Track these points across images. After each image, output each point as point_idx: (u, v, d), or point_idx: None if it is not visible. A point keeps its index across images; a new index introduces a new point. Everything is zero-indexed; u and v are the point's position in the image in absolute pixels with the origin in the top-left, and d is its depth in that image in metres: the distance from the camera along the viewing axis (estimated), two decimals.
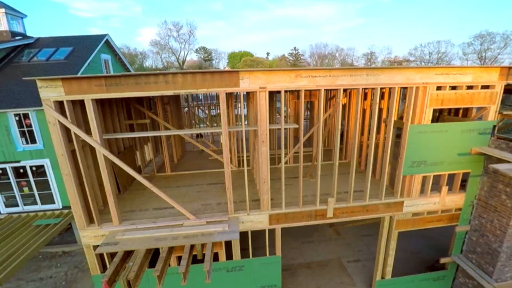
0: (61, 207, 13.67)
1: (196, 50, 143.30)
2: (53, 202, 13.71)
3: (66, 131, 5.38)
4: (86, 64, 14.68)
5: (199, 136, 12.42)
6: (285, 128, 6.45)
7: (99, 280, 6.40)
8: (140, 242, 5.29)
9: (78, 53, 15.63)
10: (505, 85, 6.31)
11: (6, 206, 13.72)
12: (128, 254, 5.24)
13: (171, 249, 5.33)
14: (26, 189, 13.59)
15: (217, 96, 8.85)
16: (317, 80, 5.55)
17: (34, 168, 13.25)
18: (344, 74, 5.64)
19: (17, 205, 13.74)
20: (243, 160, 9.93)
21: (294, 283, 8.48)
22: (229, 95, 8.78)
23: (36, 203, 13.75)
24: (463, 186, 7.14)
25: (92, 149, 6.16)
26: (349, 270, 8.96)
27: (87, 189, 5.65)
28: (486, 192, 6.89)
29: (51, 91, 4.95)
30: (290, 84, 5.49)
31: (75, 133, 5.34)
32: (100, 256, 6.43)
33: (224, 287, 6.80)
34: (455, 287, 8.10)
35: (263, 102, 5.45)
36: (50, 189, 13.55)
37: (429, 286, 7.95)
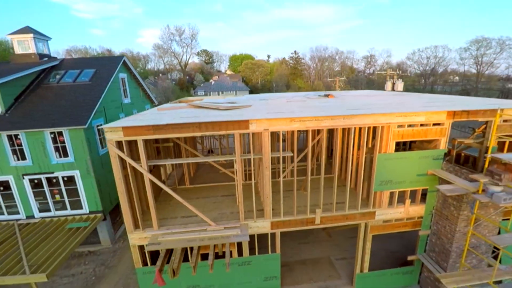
0: (88, 212, 15.67)
1: (198, 53, 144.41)
2: (81, 208, 15.70)
3: (122, 160, 7.38)
4: (108, 86, 16.70)
5: (210, 151, 14.40)
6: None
7: (141, 271, 8.40)
8: (176, 243, 7.29)
9: (100, 74, 17.63)
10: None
11: (40, 211, 15.69)
12: (168, 251, 7.24)
13: (199, 248, 7.33)
14: (57, 197, 15.59)
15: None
16: (307, 123, 7.53)
17: (65, 178, 15.23)
18: (327, 119, 7.61)
19: (49, 210, 15.73)
20: (249, 174, 11.94)
21: (291, 277, 10.46)
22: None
23: (66, 209, 15.73)
24: (423, 199, 9.12)
25: (137, 171, 8.15)
26: (337, 266, 10.94)
27: (135, 203, 7.65)
28: (440, 204, 8.87)
29: (114, 135, 6.95)
30: (286, 127, 7.48)
31: (129, 163, 7.34)
32: (141, 254, 8.42)
33: (236, 278, 8.82)
34: (421, 280, 10.06)
35: (266, 139, 7.44)
36: (79, 196, 15.54)
37: (400, 279, 9.93)
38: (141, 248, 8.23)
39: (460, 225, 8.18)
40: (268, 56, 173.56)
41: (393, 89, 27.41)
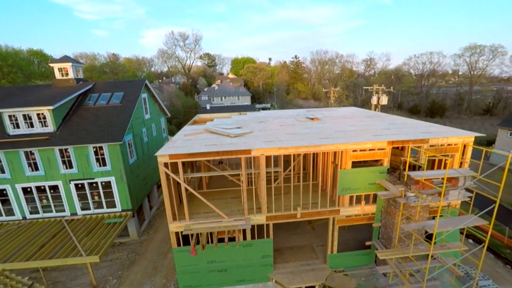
0: (120, 210, 19.60)
1: (201, 56, 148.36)
2: (115, 207, 19.63)
3: (166, 175, 11.23)
4: (135, 107, 20.64)
5: (220, 162, 18.29)
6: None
7: (177, 250, 12.26)
8: (202, 229, 11.16)
9: (127, 97, 21.55)
10: (392, 147, 12.09)
11: (82, 209, 19.63)
12: (197, 235, 11.11)
13: (218, 233, 11.20)
14: (96, 198, 19.57)
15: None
16: (289, 150, 11.35)
17: (103, 183, 19.16)
18: (303, 147, 11.42)
19: (89, 209, 19.68)
20: (251, 180, 15.81)
21: (282, 258, 14.28)
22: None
23: (102, 207, 19.68)
24: (375, 200, 12.91)
25: (174, 180, 11.99)
26: (316, 250, 14.76)
27: (174, 203, 11.51)
28: (386, 204, 12.67)
29: (163, 159, 10.82)
30: (276, 153, 11.31)
31: (172, 177, 11.21)
32: (176, 237, 12.28)
33: (241, 255, 12.68)
34: (376, 259, 13.86)
35: (262, 161, 11.28)
36: (113, 198, 19.47)
37: (361, 259, 13.74)
38: (177, 234, 12.10)
39: (397, 219, 11.96)
40: (270, 59, 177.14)
41: (378, 103, 31.23)
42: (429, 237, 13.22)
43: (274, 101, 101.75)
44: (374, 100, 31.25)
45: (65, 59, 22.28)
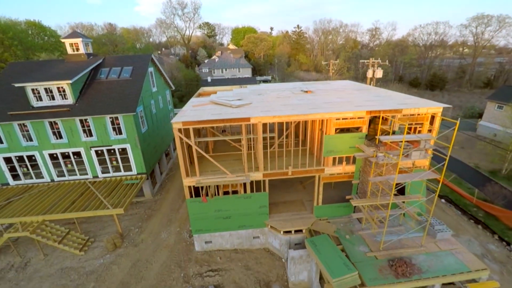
0: (136, 173, 22.42)
1: (200, 25, 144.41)
2: (131, 170, 22.43)
3: (180, 139, 13.67)
4: (144, 81, 22.61)
5: (223, 131, 20.69)
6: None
7: (190, 201, 15.13)
8: (211, 183, 13.89)
9: (136, 70, 23.43)
10: (370, 117, 14.35)
11: (102, 173, 22.43)
12: (206, 187, 13.86)
13: (222, 186, 13.94)
14: (114, 162, 22.29)
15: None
16: (283, 118, 13.64)
17: (120, 149, 21.74)
18: (294, 116, 13.69)
19: (108, 172, 22.49)
20: (250, 146, 18.32)
21: (276, 210, 17.24)
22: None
23: (120, 171, 22.48)
24: (354, 161, 15.47)
25: (189, 145, 14.48)
26: (305, 204, 17.68)
27: (187, 162, 14.10)
28: (363, 164, 15.24)
29: (177, 125, 13.18)
30: (271, 120, 13.62)
31: (185, 141, 13.67)
32: (189, 190, 15.07)
33: (242, 206, 15.58)
34: (355, 209, 16.77)
35: (259, 127, 13.64)
36: (129, 162, 22.19)
37: (342, 210, 16.65)
38: (189, 187, 14.87)
39: (370, 176, 14.57)
40: (271, 29, 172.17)
41: (373, 76, 32.71)
42: (401, 192, 15.98)
43: (275, 73, 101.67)
44: (369, 74, 32.77)
45: (75, 34, 23.80)
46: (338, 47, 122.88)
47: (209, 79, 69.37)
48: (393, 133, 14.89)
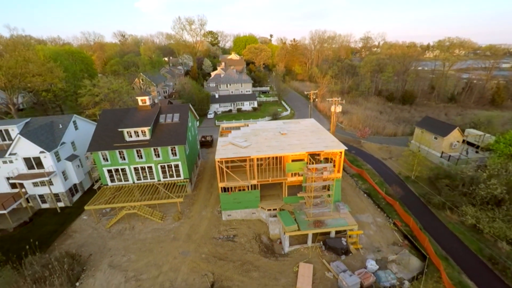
0: (183, 178, 39.54)
1: (204, 34, 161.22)
2: (180, 176, 39.56)
3: (219, 165, 30.49)
4: (189, 124, 39.61)
5: None
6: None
7: (222, 194, 32.16)
8: (231, 185, 31.01)
9: (182, 115, 40.31)
10: (309, 153, 31.19)
11: (163, 178, 39.53)
12: (230, 188, 30.95)
13: (238, 187, 30.99)
14: (171, 172, 39.39)
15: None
16: (267, 155, 30.48)
17: (175, 164, 38.81)
18: (270, 155, 30.55)
19: (167, 178, 39.60)
20: (251, 166, 35.25)
21: (264, 199, 34.21)
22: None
23: (173, 177, 39.62)
24: (301, 175, 32.34)
25: (219, 167, 31.37)
26: (280, 196, 34.73)
27: (219, 175, 31.05)
28: (306, 176, 32.14)
29: (217, 159, 29.99)
30: (261, 156, 30.48)
31: (219, 165, 30.57)
32: (221, 188, 32.02)
33: (247, 196, 32.63)
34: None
35: (254, 159, 30.49)
36: (179, 172, 39.43)
37: (296, 198, 33.59)
38: (222, 188, 31.82)
39: (307, 182, 31.39)
40: (271, 36, 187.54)
41: (335, 110, 49.51)
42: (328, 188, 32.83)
43: (273, 83, 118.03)
44: (332, 108, 49.57)
45: (144, 94, 40.64)
46: (332, 57, 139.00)
47: (216, 95, 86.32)
48: (320, 161, 31.78)
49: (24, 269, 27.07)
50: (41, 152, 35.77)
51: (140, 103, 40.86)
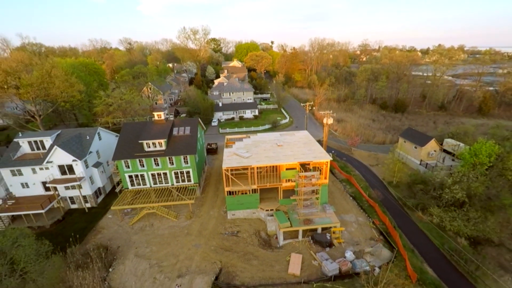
0: (193, 182, 46.46)
1: (207, 41, 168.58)
2: (191, 181, 46.54)
3: (225, 172, 37.21)
4: (199, 135, 46.54)
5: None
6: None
7: (228, 197, 38.91)
8: (236, 189, 37.75)
9: (192, 128, 47.27)
10: (300, 163, 37.87)
11: (176, 183, 46.46)
12: (235, 191, 37.73)
13: (241, 191, 37.72)
14: (182, 177, 46.31)
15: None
16: (265, 164, 37.17)
17: (186, 171, 45.80)
18: (268, 165, 37.27)
19: (179, 182, 46.56)
20: (252, 173, 41.99)
21: (263, 201, 40.89)
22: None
23: (185, 181, 46.59)
24: (294, 181, 39.03)
25: (226, 174, 38.10)
26: (277, 199, 41.42)
27: (225, 181, 37.84)
28: (297, 182, 38.82)
29: (224, 167, 36.70)
30: (260, 166, 37.23)
31: (225, 173, 37.28)
32: (227, 192, 38.76)
33: (248, 198, 39.35)
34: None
35: (255, 168, 37.20)
36: (190, 177, 46.49)
37: (290, 201, 40.27)
38: (228, 191, 38.54)
39: (299, 187, 37.99)
40: (272, 42, 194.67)
41: (327, 123, 56.16)
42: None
43: (273, 90, 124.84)
44: (324, 120, 56.26)
45: (159, 109, 47.56)
46: (331, 64, 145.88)
47: (220, 103, 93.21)
48: (310, 170, 38.44)
49: (67, 257, 33.88)
50: (73, 160, 42.67)
51: (156, 118, 47.71)
